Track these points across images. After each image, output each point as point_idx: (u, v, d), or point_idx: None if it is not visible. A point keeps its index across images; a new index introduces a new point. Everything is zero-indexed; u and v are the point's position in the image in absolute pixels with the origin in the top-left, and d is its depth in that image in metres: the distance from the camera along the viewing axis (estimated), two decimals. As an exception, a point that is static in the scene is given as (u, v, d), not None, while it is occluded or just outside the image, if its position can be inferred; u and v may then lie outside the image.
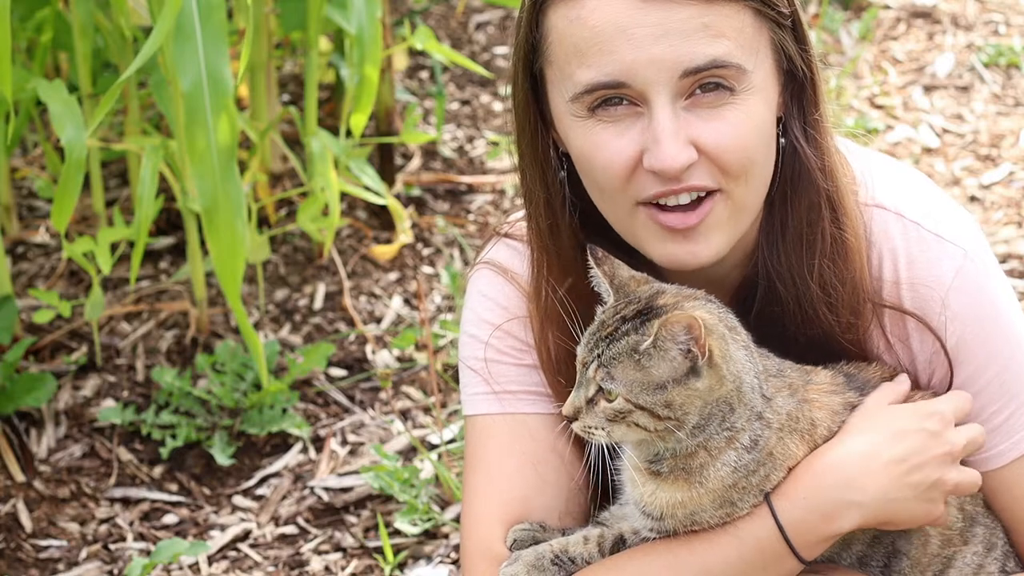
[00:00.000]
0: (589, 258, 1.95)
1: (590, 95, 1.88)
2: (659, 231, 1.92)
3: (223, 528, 3.05)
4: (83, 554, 2.99)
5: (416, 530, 2.95)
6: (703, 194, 1.91)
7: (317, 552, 2.98)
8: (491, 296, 2.16)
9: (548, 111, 1.98)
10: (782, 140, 1.97)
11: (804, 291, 2.00)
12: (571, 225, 2.03)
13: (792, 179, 1.98)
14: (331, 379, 3.42)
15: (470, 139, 4.36)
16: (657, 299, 1.90)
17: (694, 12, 1.83)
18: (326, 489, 3.13)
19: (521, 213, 2.17)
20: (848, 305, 2.01)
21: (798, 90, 1.97)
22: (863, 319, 2.03)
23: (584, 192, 2.00)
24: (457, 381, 3.37)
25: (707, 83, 1.86)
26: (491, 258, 2.18)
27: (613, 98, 1.88)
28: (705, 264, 1.94)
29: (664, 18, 1.83)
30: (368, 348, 3.50)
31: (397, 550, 2.93)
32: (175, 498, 3.13)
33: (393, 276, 3.75)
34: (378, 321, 3.61)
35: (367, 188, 3.67)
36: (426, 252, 3.84)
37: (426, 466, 3.08)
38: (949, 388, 2.05)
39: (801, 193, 1.99)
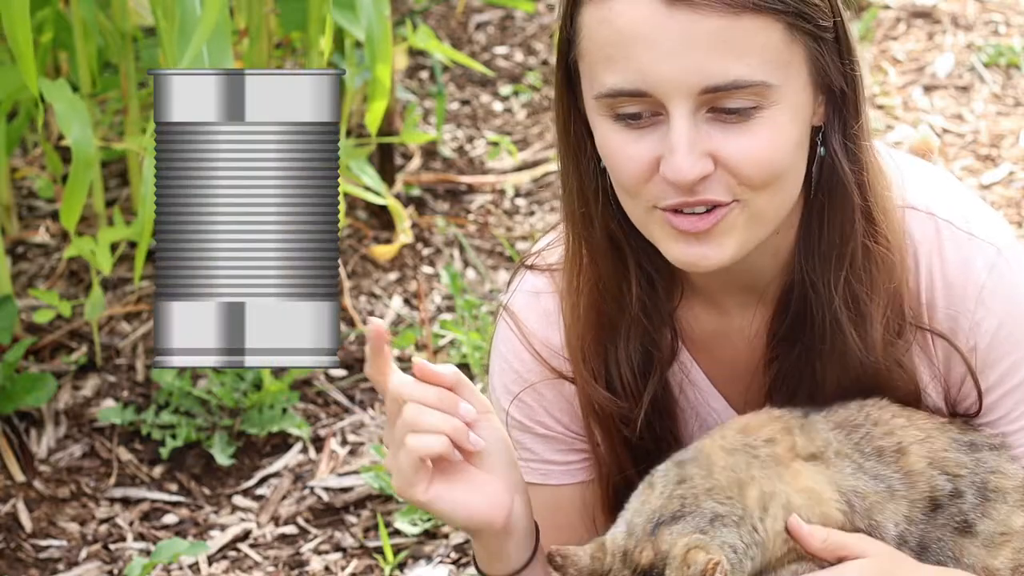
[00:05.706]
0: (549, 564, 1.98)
1: (613, 98, 1.87)
2: (673, 233, 1.90)
3: (223, 528, 3.05)
4: (83, 554, 2.99)
5: (416, 530, 2.95)
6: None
7: (317, 552, 2.97)
8: (509, 361, 2.17)
9: (581, 102, 1.96)
10: (821, 150, 1.94)
11: (828, 303, 1.97)
12: (602, 215, 2.01)
13: (828, 191, 1.95)
14: (331, 379, 3.42)
15: (470, 139, 4.35)
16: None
17: (719, 26, 1.80)
18: (326, 489, 3.12)
19: (544, 242, 2.16)
20: (880, 322, 1.98)
21: (838, 102, 1.93)
22: (903, 337, 2.00)
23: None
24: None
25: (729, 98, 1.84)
26: (514, 303, 2.16)
27: (635, 115, 1.87)
28: (716, 267, 1.91)
29: (688, 30, 1.80)
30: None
31: (397, 550, 2.93)
32: (175, 498, 3.12)
33: (393, 276, 3.75)
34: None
35: (367, 188, 3.67)
36: (426, 252, 3.84)
37: (426, 466, 3.08)
38: (979, 396, 2.03)
39: (837, 206, 1.95)
